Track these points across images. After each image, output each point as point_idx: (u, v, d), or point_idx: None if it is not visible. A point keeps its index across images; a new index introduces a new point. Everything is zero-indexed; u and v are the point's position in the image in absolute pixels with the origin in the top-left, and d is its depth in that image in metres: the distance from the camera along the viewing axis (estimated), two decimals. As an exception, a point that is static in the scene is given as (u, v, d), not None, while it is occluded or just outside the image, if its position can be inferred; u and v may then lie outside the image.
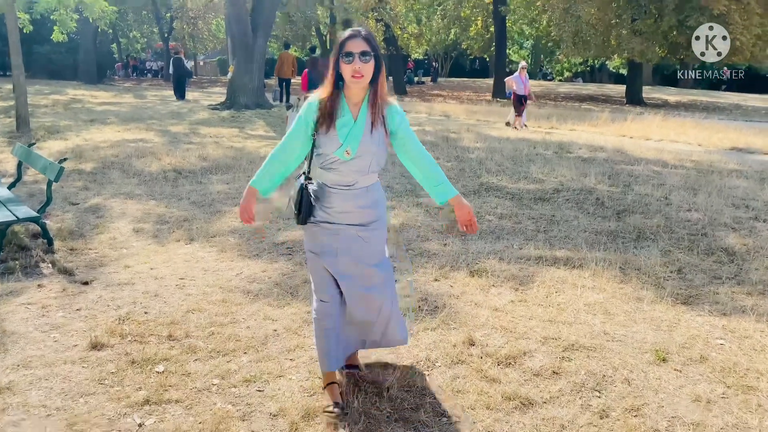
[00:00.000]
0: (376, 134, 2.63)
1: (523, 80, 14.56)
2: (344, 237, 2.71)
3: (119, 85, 31.68)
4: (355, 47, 2.51)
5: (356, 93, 2.62)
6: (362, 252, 2.73)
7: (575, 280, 4.37)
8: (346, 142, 2.59)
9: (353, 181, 2.66)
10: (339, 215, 2.69)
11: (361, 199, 2.70)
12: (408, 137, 2.69)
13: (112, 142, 10.62)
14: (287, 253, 5.07)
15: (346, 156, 2.60)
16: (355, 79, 2.53)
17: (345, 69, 2.54)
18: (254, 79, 16.82)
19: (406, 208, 6.54)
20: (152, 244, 5.30)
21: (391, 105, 2.68)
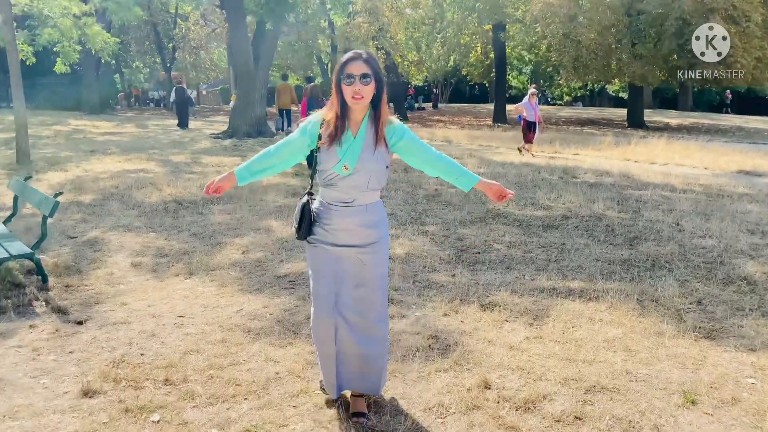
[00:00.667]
0: (377, 153, 2.67)
1: (533, 106, 14.22)
2: (344, 260, 2.76)
3: (122, 115, 31.79)
4: (355, 69, 2.57)
5: (357, 112, 2.68)
6: (362, 275, 2.77)
7: (592, 313, 4.18)
8: (345, 157, 2.64)
9: (352, 198, 2.70)
10: (339, 233, 2.73)
11: (361, 217, 2.73)
12: (412, 142, 2.74)
13: (113, 172, 10.51)
14: (290, 287, 4.88)
15: (344, 171, 2.65)
16: (355, 101, 2.59)
17: (346, 90, 2.60)
18: (256, 108, 16.82)
19: (411, 237, 6.37)
20: (151, 279, 5.13)
21: (389, 125, 2.72)
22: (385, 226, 2.85)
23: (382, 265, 2.83)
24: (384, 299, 2.88)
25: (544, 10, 23.16)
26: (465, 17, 27.29)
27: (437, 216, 7.45)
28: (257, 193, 8.90)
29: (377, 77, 2.61)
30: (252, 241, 6.27)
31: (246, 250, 5.97)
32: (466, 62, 33.74)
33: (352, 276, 2.77)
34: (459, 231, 6.67)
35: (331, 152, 2.67)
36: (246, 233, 6.60)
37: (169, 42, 37.45)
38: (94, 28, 17.31)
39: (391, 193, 8.67)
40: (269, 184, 9.68)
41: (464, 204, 8.07)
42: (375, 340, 2.83)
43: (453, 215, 7.44)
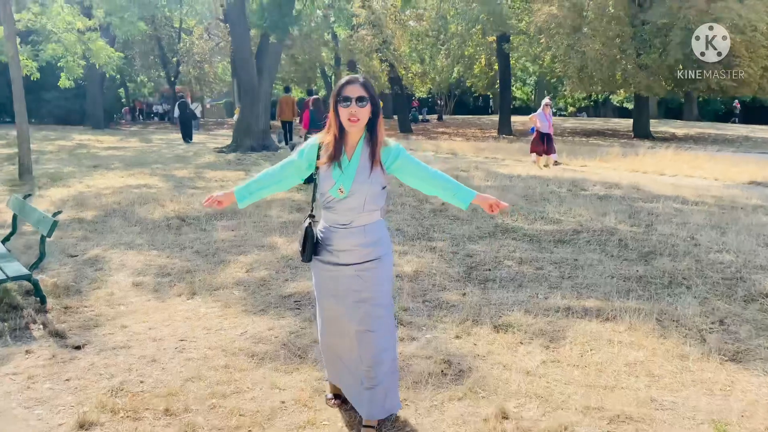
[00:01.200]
0: (372, 175, 2.72)
1: (547, 117, 13.86)
2: (343, 279, 2.81)
3: (126, 129, 31.82)
4: (352, 92, 2.65)
5: (353, 135, 2.74)
6: (362, 291, 2.80)
7: (610, 335, 4.01)
8: (339, 180, 2.71)
9: (349, 220, 2.76)
10: (340, 254, 2.80)
11: (359, 238, 2.78)
12: (406, 162, 2.78)
13: (115, 188, 10.40)
14: (295, 308, 4.73)
15: (339, 194, 2.72)
16: (351, 123, 2.66)
17: (342, 113, 2.66)
18: (260, 122, 16.73)
19: (419, 254, 6.22)
20: (152, 300, 4.98)
21: (385, 146, 2.77)
22: (386, 245, 2.88)
23: (384, 282, 2.84)
24: (389, 318, 2.88)
25: (549, 21, 23.08)
26: (469, 29, 27.25)
27: (445, 231, 7.29)
28: (261, 208, 8.76)
29: (373, 101, 2.69)
30: (256, 259, 6.12)
31: (250, 268, 5.83)
32: (471, 74, 33.70)
33: (353, 292, 2.80)
34: (468, 247, 6.51)
35: (327, 175, 2.75)
36: (250, 250, 6.46)
37: (173, 56, 37.57)
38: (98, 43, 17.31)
39: (398, 208, 8.52)
40: (273, 199, 9.55)
41: (472, 219, 7.91)
42: (381, 360, 2.81)
43: (461, 230, 7.29)
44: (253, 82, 16.41)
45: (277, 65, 18.41)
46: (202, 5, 16.53)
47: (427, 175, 2.80)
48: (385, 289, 2.85)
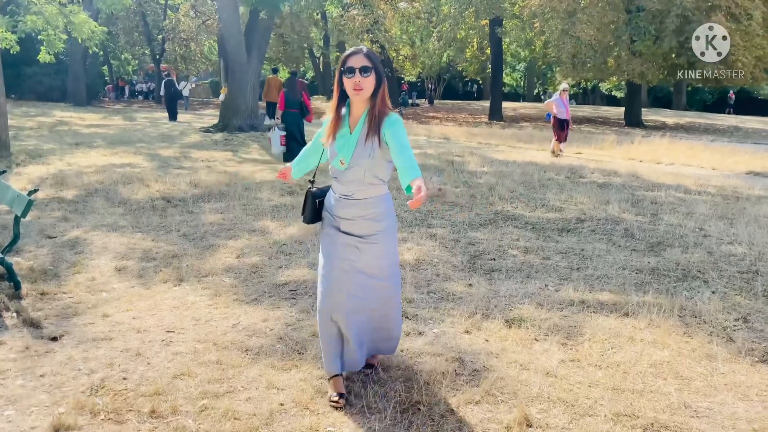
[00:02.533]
0: (368, 147, 2.73)
1: (564, 102, 13.27)
2: (346, 246, 2.84)
3: (109, 107, 31.09)
4: (355, 62, 2.67)
5: (358, 107, 2.77)
6: (360, 263, 2.85)
7: (630, 332, 3.75)
8: (340, 152, 2.77)
9: (351, 191, 2.81)
10: (342, 221, 2.86)
11: (361, 210, 2.82)
12: (391, 137, 2.70)
13: (98, 167, 9.98)
14: (290, 297, 4.42)
15: (340, 165, 2.78)
16: (356, 92, 2.68)
17: (347, 83, 2.69)
18: (248, 101, 16.27)
19: (419, 241, 5.92)
20: (136, 286, 4.64)
21: (388, 116, 2.74)
22: (388, 219, 2.89)
23: (385, 256, 2.89)
24: (395, 289, 3.00)
25: (543, 5, 22.72)
26: (462, 11, 26.79)
27: (444, 218, 7.00)
28: (251, 190, 8.42)
29: (377, 71, 2.70)
30: (247, 244, 5.79)
31: (241, 253, 5.50)
32: (463, 58, 33.27)
33: (348, 260, 2.85)
34: (469, 235, 6.23)
35: (332, 147, 2.84)
36: (240, 235, 6.13)
37: (159, 33, 36.65)
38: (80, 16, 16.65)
39: (394, 193, 8.19)
40: (263, 181, 9.20)
41: (471, 205, 7.63)
42: (374, 287, 2.92)
43: (460, 217, 7.00)
44: (242, 60, 15.92)
45: (266, 43, 17.89)
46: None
47: (395, 149, 2.68)
48: (384, 264, 2.90)
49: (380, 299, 2.94)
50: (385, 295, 2.96)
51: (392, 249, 2.95)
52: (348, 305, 2.86)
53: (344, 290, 2.85)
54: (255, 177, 9.57)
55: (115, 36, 37.47)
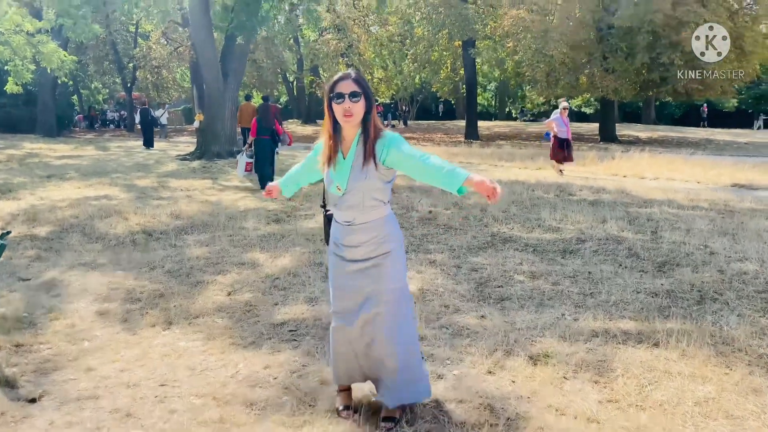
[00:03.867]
0: (365, 171, 2.67)
1: (565, 121, 12.85)
2: (354, 275, 2.79)
3: (80, 137, 30.44)
4: (345, 88, 2.61)
5: (349, 132, 2.72)
6: (372, 290, 2.76)
7: (664, 364, 3.49)
8: (336, 179, 2.73)
9: (351, 217, 2.75)
10: (346, 249, 2.80)
11: (364, 235, 2.76)
12: (399, 152, 2.65)
13: (72, 200, 9.54)
14: (291, 339, 4.08)
15: (338, 192, 2.74)
16: (346, 119, 2.62)
17: (336, 109, 2.63)
18: (226, 127, 15.95)
19: (419, 269, 5.64)
20: (121, 332, 4.26)
21: (382, 137, 2.68)
22: (395, 241, 2.82)
23: (395, 279, 2.79)
24: (407, 316, 2.85)
25: (516, 25, 22.87)
26: (435, 33, 26.88)
27: (440, 242, 6.74)
28: (235, 219, 8.07)
29: (367, 95, 2.65)
30: (237, 279, 5.45)
31: (232, 290, 5.15)
32: (437, 79, 33.40)
33: (358, 290, 2.78)
34: (470, 260, 5.96)
35: (327, 174, 2.80)
36: (229, 269, 5.78)
37: (130, 61, 36.15)
38: (49, 45, 16.31)
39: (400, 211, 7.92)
40: (247, 209, 8.87)
41: (465, 227, 7.39)
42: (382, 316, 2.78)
43: (457, 240, 6.74)
44: (219, 86, 15.61)
45: (243, 68, 17.62)
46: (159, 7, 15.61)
47: (416, 162, 2.62)
48: (397, 287, 2.80)
49: (390, 331, 2.77)
50: (395, 325, 2.78)
51: (400, 272, 2.85)
52: (361, 345, 2.86)
53: (352, 337, 2.86)
54: (238, 205, 9.23)
55: (85, 65, 36.91)
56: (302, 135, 31.61)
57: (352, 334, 2.83)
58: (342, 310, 2.86)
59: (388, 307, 2.76)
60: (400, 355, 2.78)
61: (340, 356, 2.92)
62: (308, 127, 37.10)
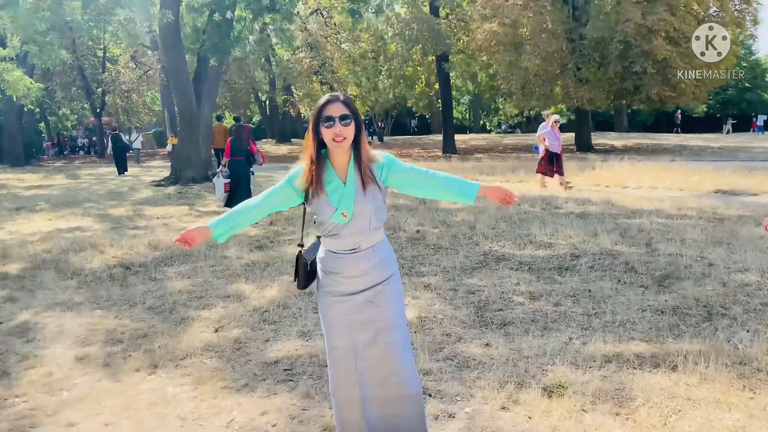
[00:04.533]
0: (369, 193, 2.58)
1: (556, 135, 12.53)
2: (358, 308, 2.63)
3: (49, 165, 29.78)
4: (334, 111, 2.50)
5: (340, 157, 2.59)
6: (377, 320, 2.63)
7: (685, 390, 3.32)
8: (340, 205, 2.56)
9: (357, 243, 2.61)
10: (349, 281, 2.63)
11: (369, 261, 2.64)
12: (403, 172, 2.64)
13: (44, 233, 9.15)
14: (287, 379, 3.83)
15: (343, 219, 2.57)
16: (337, 143, 2.51)
17: (326, 133, 2.51)
18: (200, 151, 15.63)
19: (414, 293, 5.43)
20: (103, 380, 3.97)
21: (375, 162, 2.62)
22: (394, 261, 2.77)
23: (397, 303, 2.70)
24: (407, 345, 2.71)
25: (489, 38, 22.98)
26: (409, 48, 26.93)
27: (431, 263, 6.54)
28: (217, 247, 7.78)
29: (356, 118, 2.54)
30: (224, 314, 5.17)
31: (219, 326, 4.88)
32: (412, 94, 33.44)
33: (367, 323, 2.64)
34: (465, 281, 5.77)
35: (324, 203, 2.58)
36: (214, 303, 5.50)
37: (98, 86, 35.57)
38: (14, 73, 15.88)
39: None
40: (228, 236, 8.56)
41: (455, 246, 7.21)
42: (392, 350, 2.63)
43: (449, 261, 6.55)
44: (192, 108, 15.31)
45: (217, 90, 17.33)
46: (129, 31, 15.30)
47: (424, 179, 2.65)
48: (398, 312, 2.70)
49: (405, 358, 2.67)
50: (406, 350, 2.69)
51: (402, 294, 2.78)
52: (361, 399, 2.68)
53: (355, 381, 2.67)
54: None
55: (52, 91, 36.22)
56: (277, 155, 31.34)
57: (365, 375, 2.65)
58: (348, 349, 2.66)
59: (398, 333, 2.67)
60: (417, 379, 2.71)
61: (349, 404, 2.70)
62: (282, 147, 36.82)
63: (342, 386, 2.69)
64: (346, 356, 2.66)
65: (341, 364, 2.67)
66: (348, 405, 2.70)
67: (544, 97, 24.52)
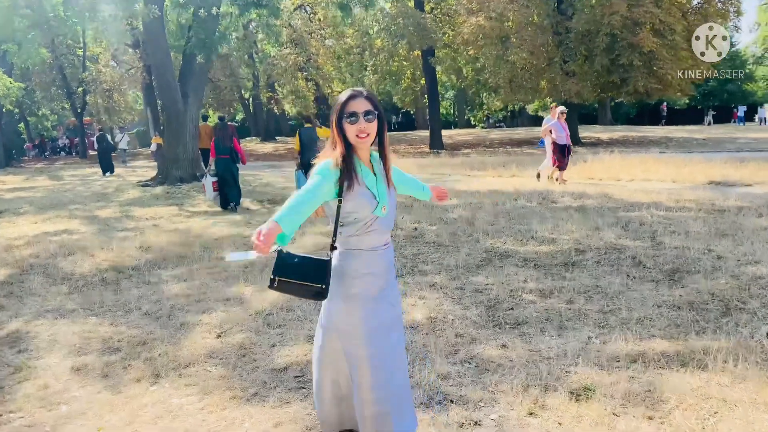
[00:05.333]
0: (392, 189, 2.61)
1: (563, 127, 12.26)
2: (384, 308, 2.58)
3: (30, 167, 29.22)
4: (358, 107, 2.45)
5: (364, 152, 2.53)
6: (394, 315, 2.63)
7: (718, 391, 3.19)
8: (381, 199, 2.51)
9: (386, 239, 2.61)
10: (380, 279, 2.57)
11: (390, 257, 2.65)
12: (397, 173, 2.82)
13: (29, 237, 8.87)
14: (298, 387, 3.66)
15: (383, 213, 2.53)
16: (360, 139, 2.45)
17: (349, 129, 2.45)
18: (188, 150, 15.33)
19: (420, 293, 5.27)
20: (103, 392, 3.76)
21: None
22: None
23: (400, 299, 2.75)
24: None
25: (476, 32, 22.87)
26: (395, 44, 26.73)
27: (433, 261, 6.40)
28: (211, 248, 7.58)
29: (380, 113, 2.49)
30: (225, 318, 4.98)
31: (221, 331, 4.69)
32: (398, 89, 33.24)
33: (390, 323, 2.60)
34: (471, 280, 5.63)
35: (364, 197, 2.47)
36: (214, 307, 5.30)
37: (79, 86, 34.94)
38: (-7, 72, 15.43)
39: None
40: (221, 236, 8.37)
41: (456, 243, 7.07)
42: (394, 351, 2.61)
43: (451, 259, 6.40)
44: (178, 107, 15.01)
45: (203, 88, 17.02)
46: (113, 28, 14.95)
47: (403, 177, 2.90)
48: (400, 308, 2.73)
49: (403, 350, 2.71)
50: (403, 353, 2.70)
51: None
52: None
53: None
54: (211, 232, 8.71)
55: (31, 91, 35.54)
56: (262, 153, 31.04)
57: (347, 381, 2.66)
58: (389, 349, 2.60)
59: (402, 331, 2.72)
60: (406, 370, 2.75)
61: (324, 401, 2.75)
62: (267, 145, 36.47)
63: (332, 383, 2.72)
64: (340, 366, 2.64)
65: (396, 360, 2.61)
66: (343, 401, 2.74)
67: (531, 91, 24.47)
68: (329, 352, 2.64)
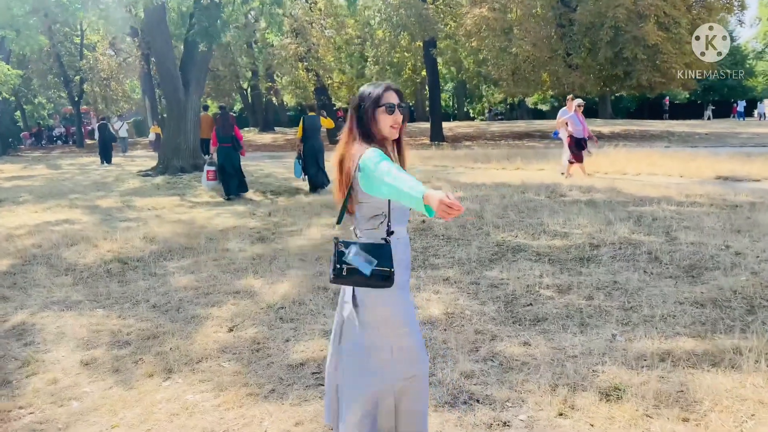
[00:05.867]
0: None
1: (580, 120, 11.84)
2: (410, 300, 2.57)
3: (27, 155, 28.98)
4: (394, 99, 2.46)
5: (388, 143, 2.52)
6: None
7: (753, 392, 3.10)
8: None
9: (406, 229, 2.59)
10: (406, 271, 2.54)
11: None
12: None
13: (30, 227, 8.74)
14: (317, 383, 3.55)
15: None
16: (394, 130, 2.46)
17: (385, 120, 2.44)
18: (189, 140, 15.16)
19: (434, 288, 5.16)
20: (114, 387, 3.65)
21: None
22: None
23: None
24: None
25: (479, 23, 22.67)
26: (397, 34, 26.52)
27: (444, 255, 6.29)
28: (217, 240, 7.47)
29: (407, 106, 2.51)
30: (236, 312, 4.87)
31: (233, 325, 4.58)
32: (399, 81, 33.02)
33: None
34: (485, 274, 5.52)
35: None
36: (223, 300, 5.19)
37: (76, 74, 34.64)
38: (-8, 59, 15.21)
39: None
40: (225, 227, 8.26)
41: (466, 237, 6.96)
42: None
43: (463, 252, 6.30)
44: (179, 96, 14.83)
45: (204, 77, 16.83)
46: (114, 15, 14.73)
47: None
48: None
49: None
50: None
51: None
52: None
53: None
54: (215, 224, 8.59)
55: (28, 79, 35.24)
56: (261, 144, 30.87)
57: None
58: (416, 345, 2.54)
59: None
60: None
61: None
62: (266, 135, 36.26)
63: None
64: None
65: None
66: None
67: (534, 84, 24.31)
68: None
